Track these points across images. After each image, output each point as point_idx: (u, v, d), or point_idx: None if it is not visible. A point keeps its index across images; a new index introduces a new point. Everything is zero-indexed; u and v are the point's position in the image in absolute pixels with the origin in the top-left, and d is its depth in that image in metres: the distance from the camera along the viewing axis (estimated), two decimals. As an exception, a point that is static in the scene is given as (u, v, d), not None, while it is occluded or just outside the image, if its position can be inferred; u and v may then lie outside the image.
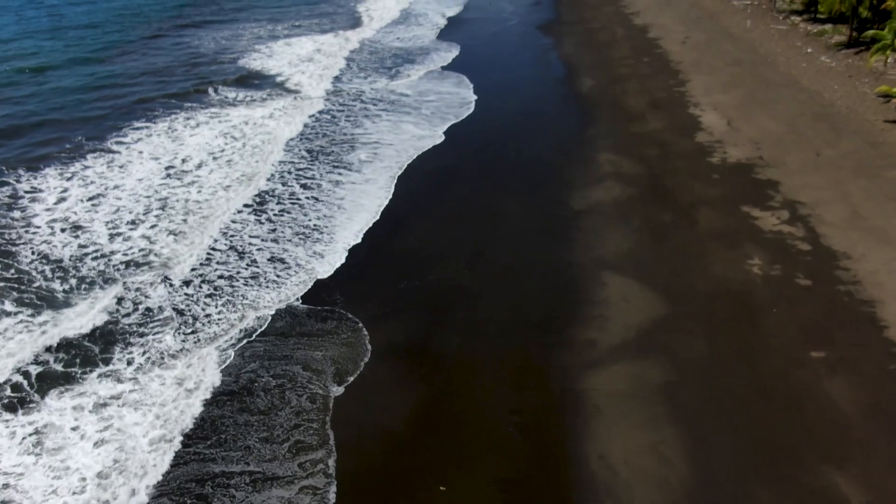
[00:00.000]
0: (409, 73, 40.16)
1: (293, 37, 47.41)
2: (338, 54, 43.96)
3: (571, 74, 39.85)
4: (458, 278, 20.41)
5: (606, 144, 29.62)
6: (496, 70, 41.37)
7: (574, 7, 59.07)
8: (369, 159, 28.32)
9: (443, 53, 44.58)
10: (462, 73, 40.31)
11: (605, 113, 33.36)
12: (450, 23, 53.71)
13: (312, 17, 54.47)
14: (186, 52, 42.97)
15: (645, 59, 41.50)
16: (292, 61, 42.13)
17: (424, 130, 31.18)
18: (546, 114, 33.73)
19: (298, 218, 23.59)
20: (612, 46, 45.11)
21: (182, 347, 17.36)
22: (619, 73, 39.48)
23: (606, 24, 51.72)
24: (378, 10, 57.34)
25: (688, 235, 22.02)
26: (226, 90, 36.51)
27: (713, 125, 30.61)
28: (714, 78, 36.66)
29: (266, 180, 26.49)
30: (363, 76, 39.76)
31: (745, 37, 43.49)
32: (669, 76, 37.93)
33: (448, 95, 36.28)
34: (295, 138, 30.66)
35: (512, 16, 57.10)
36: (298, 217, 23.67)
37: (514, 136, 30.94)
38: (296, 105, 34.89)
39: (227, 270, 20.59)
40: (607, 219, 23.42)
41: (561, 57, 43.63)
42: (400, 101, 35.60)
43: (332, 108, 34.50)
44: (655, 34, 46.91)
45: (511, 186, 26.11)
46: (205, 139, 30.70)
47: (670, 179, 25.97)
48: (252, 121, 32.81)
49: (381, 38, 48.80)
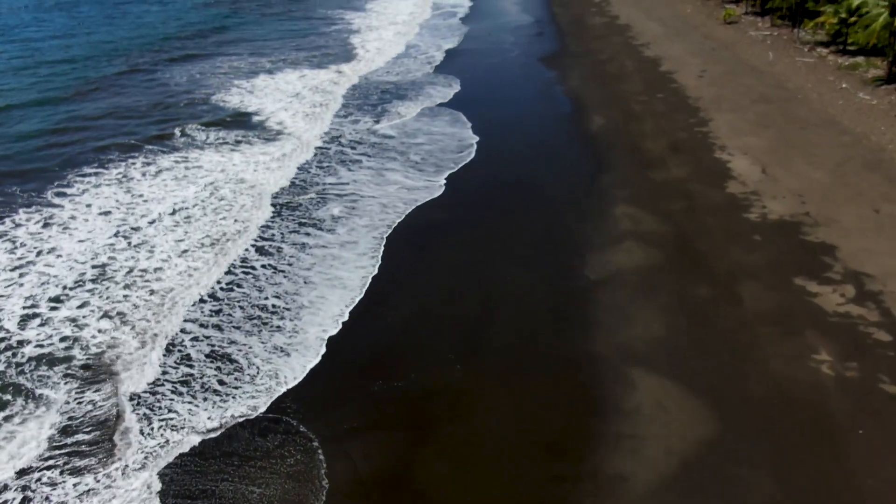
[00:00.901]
0: (403, 112, 36.46)
1: (278, 71, 44.01)
2: (327, 90, 40.46)
3: (580, 112, 36.23)
4: (449, 377, 16.34)
5: (623, 195, 25.76)
6: (497, 107, 37.77)
7: (579, 38, 55.85)
8: (344, 214, 24.44)
9: (440, 88, 41.08)
10: (461, 111, 36.67)
11: (620, 157, 29.59)
12: (448, 55, 50.39)
13: (302, 49, 51.16)
14: (160, 89, 39.47)
15: (659, 95, 37.91)
16: (276, 98, 38.60)
17: (417, 181, 27.28)
18: (554, 158, 29.94)
19: (252, 294, 19.64)
20: (622, 80, 41.61)
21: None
22: (632, 110, 35.84)
23: (614, 55, 48.36)
24: (373, 42, 54.12)
25: (732, 317, 17.99)
26: (196, 131, 32.80)
27: (745, 173, 26.77)
28: (740, 117, 32.96)
29: (234, 244, 22.65)
30: (353, 114, 36.11)
31: (769, 70, 39.95)
32: (689, 114, 34.26)
33: (445, 138, 32.46)
34: (277, 189, 26.91)
35: (513, 47, 53.82)
36: (253, 293, 19.72)
37: (519, 185, 27.05)
38: (277, 149, 31.21)
39: (155, 374, 16.47)
40: (631, 292, 19.43)
41: (567, 92, 40.09)
42: (390, 144, 31.73)
43: (319, 152, 30.81)
44: (669, 67, 43.45)
45: (516, 250, 22.16)
46: (165, 190, 26.94)
47: (702, 241, 22.02)
48: (224, 167, 29.11)
49: (375, 71, 45.37)
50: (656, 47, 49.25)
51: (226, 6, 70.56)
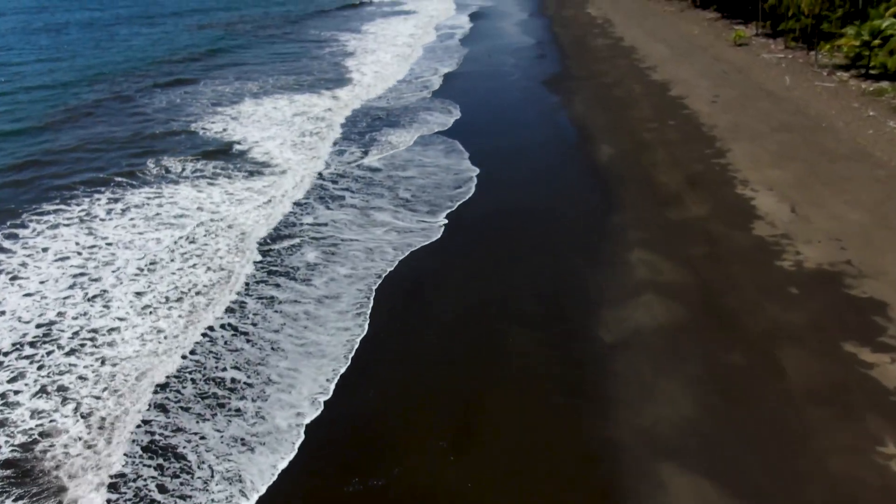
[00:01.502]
0: (396, 141, 34.01)
1: (267, 96, 41.75)
2: (319, 116, 38.14)
3: (586, 140, 33.83)
4: (438, 472, 13.64)
5: (638, 238, 23.21)
6: (498, 135, 35.35)
7: (582, 60, 53.73)
8: (322, 261, 21.81)
9: (438, 115, 38.75)
10: (459, 140, 34.23)
11: (632, 192, 27.10)
12: (446, 79, 48.19)
13: (292, 73, 49.00)
14: (139, 117, 37.08)
15: (671, 122, 35.53)
16: (263, 126, 36.26)
17: (409, 222, 24.63)
18: (561, 193, 27.40)
19: (207, 364, 16.99)
20: (630, 106, 39.30)
21: None
22: (643, 139, 33.45)
23: (620, 79, 46.15)
24: (368, 66, 51.97)
25: (775, 394, 15.33)
26: (172, 163, 30.35)
27: (772, 212, 24.24)
28: (760, 147, 30.54)
29: (207, 302, 20.05)
30: (344, 144, 33.69)
31: (787, 96, 37.61)
32: (704, 144, 31.84)
33: (441, 171, 29.88)
34: (264, 232, 24.39)
35: (513, 69, 51.65)
36: (208, 362, 17.07)
37: (523, 226, 24.41)
38: (260, 183, 28.78)
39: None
40: (653, 359, 16.80)
41: (572, 118, 37.75)
42: (379, 178, 29.13)
43: (306, 187, 28.34)
44: (679, 91, 41.17)
45: (520, 304, 19.54)
46: (133, 231, 24.44)
47: (731, 294, 19.42)
48: (201, 205, 26.64)
49: (370, 96, 43.07)
50: (664, 70, 47.05)
51: (219, 28, 68.77)
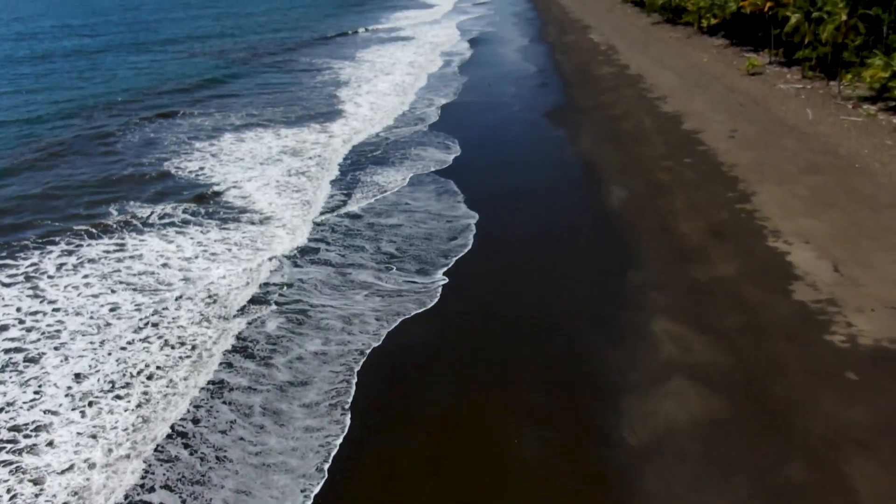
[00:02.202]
0: (385, 182, 31.07)
1: (250, 130, 38.92)
2: (306, 152, 35.34)
3: (595, 181, 31.00)
4: None
5: (661, 303, 20.21)
6: (498, 175, 32.49)
7: (587, 89, 51.22)
8: (285, 333, 18.72)
9: (433, 151, 35.96)
10: (456, 180, 31.31)
11: (650, 244, 24.15)
12: (444, 111, 45.52)
13: (280, 104, 46.43)
14: (110, 157, 34.00)
15: (687, 161, 32.74)
16: (244, 164, 33.44)
17: (395, 283, 21.49)
18: (570, 246, 24.43)
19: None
20: (641, 141, 36.56)
21: None
22: (658, 180, 30.61)
23: (629, 110, 43.53)
24: (363, 96, 49.24)
25: (851, 531, 12.27)
26: (139, 208, 27.48)
27: (813, 271, 21.25)
28: (788, 190, 27.69)
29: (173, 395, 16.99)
30: (333, 185, 30.91)
31: (812, 131, 34.85)
32: (726, 186, 28.98)
33: (434, 219, 26.86)
34: (243, 299, 21.19)
35: (514, 100, 49.05)
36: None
37: (528, 287, 21.32)
38: (238, 233, 25.87)
39: None
40: (691, 472, 13.69)
41: (578, 156, 34.97)
42: (361, 227, 26.09)
43: (292, 236, 25.45)
44: (692, 125, 38.47)
45: (525, 392, 16.41)
46: (85, 293, 21.47)
47: (777, 381, 16.37)
48: (167, 258, 23.67)
49: (363, 130, 40.23)
50: (675, 101, 44.43)
51: (210, 56, 66.52)
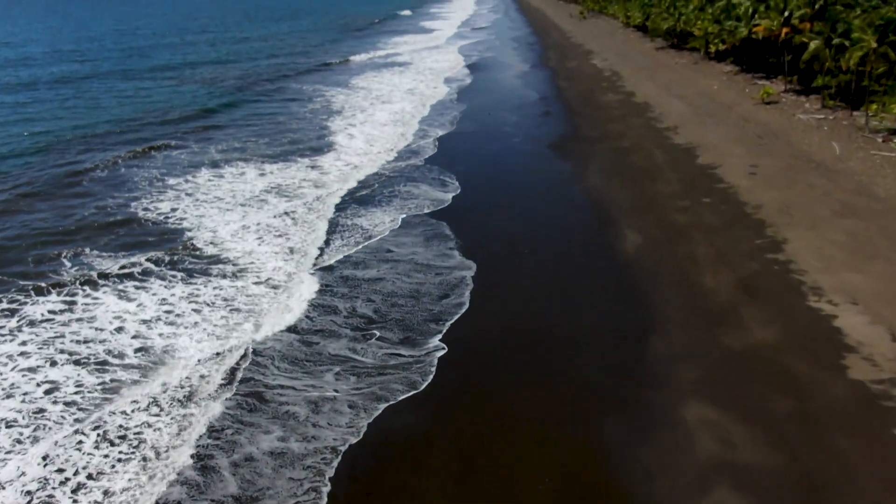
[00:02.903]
0: (371, 226, 28.06)
1: (230, 165, 35.99)
2: (290, 191, 32.50)
3: (606, 224, 28.14)
4: None
5: (690, 379, 17.20)
6: (499, 216, 29.50)
7: (592, 118, 48.65)
8: (229, 425, 15.72)
9: (427, 189, 33.10)
10: (452, 222, 28.43)
11: (671, 302, 21.17)
12: (441, 142, 42.81)
13: (265, 135, 43.85)
14: (77, 198, 30.82)
15: (706, 200, 29.91)
16: (221, 205, 30.50)
17: (374, 358, 18.37)
18: (581, 305, 21.26)
19: None
20: (653, 177, 33.79)
21: None
22: (675, 222, 27.78)
23: (638, 142, 40.86)
24: (357, 126, 46.55)
25: None
26: (96, 258, 24.54)
27: (867, 340, 18.24)
28: (823, 237, 24.79)
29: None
30: (317, 229, 28.10)
31: (841, 168, 32.07)
32: (752, 231, 26.11)
33: (423, 273, 23.83)
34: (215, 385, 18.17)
35: (516, 130, 46.41)
36: None
37: (533, 364, 18.19)
38: (210, 287, 22.89)
39: None
40: None
41: (586, 193, 32.16)
42: (337, 286, 23.00)
43: (259, 295, 22.47)
44: (708, 159, 35.72)
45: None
46: (22, 364, 18.45)
47: (846, 493, 13.33)
48: (122, 322, 20.67)
49: (354, 164, 37.37)
50: (687, 132, 41.78)
51: (200, 83, 64.20)
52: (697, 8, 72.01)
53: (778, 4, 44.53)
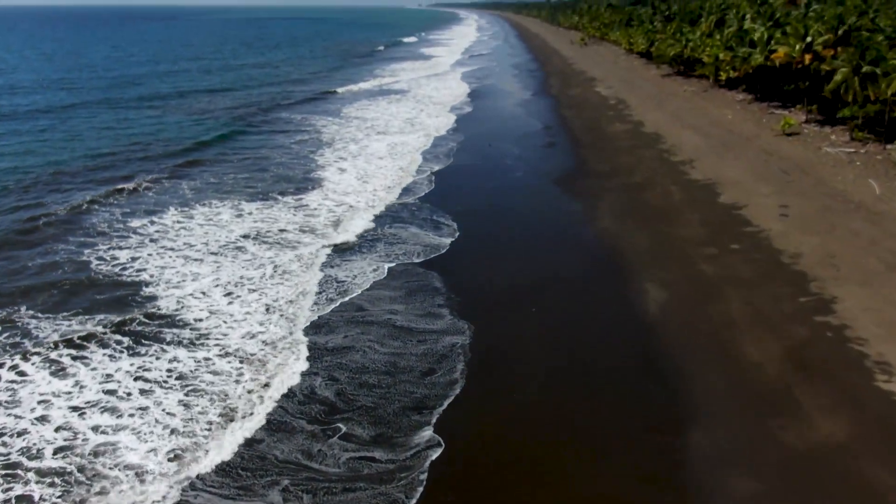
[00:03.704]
0: (350, 280, 24.51)
1: (202, 204, 32.63)
2: (268, 236, 29.21)
3: (624, 276, 24.76)
4: None
5: (748, 493, 13.63)
6: (500, 265, 25.96)
7: (599, 150, 45.59)
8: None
9: (418, 233, 29.51)
10: (445, 274, 24.94)
11: (712, 382, 17.60)
12: (438, 177, 39.53)
13: (245, 170, 40.83)
14: (22, 244, 27.26)
15: (735, 247, 26.58)
16: (193, 252, 27.03)
17: (336, 465, 14.65)
18: (599, 384, 17.70)
19: None
20: (672, 219, 30.51)
21: None
22: (703, 274, 24.39)
23: (651, 177, 37.67)
24: (348, 160, 43.10)
25: None
26: (31, 318, 20.95)
27: (961, 439, 14.85)
28: (880, 296, 21.30)
29: None
30: (277, 290, 24.70)
31: (884, 209, 28.70)
32: (794, 286, 22.70)
33: (401, 340, 20.12)
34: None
35: (518, 163, 43.29)
36: None
37: (550, 466, 14.49)
38: (163, 360, 19.40)
39: None
40: None
41: (600, 237, 28.84)
42: (297, 361, 19.44)
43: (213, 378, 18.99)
44: (731, 198, 32.46)
45: None
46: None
47: None
48: (48, 410, 17.10)
49: (346, 203, 34.00)
50: (704, 166, 38.60)
51: (186, 114, 61.35)
52: (705, 34, 69.68)
53: (798, 30, 41.78)
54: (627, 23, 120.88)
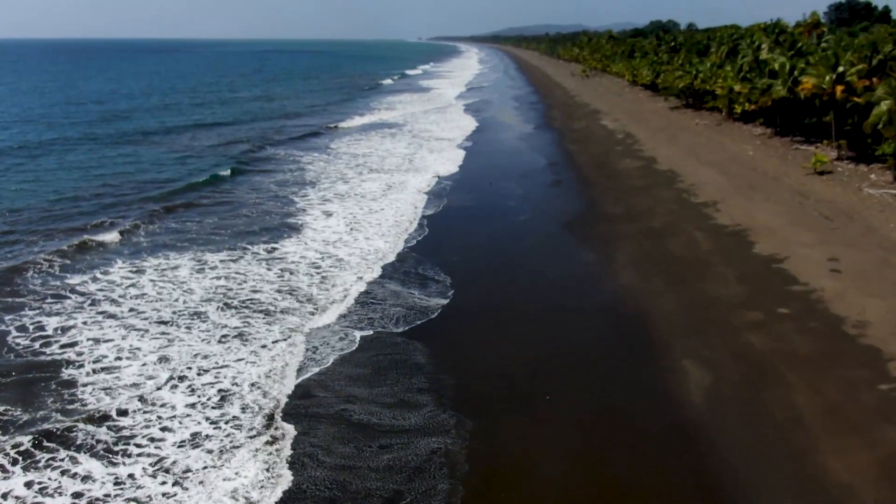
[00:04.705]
0: (306, 365, 20.42)
1: (156, 255, 28.58)
2: (235, 297, 25.06)
3: (655, 349, 20.35)
4: None
5: None
6: (504, 337, 21.52)
7: (611, 190, 41.55)
8: None
9: (401, 290, 25.01)
10: (431, 346, 20.55)
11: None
12: (431, 223, 35.33)
13: (222, 217, 36.87)
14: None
15: (783, 311, 22.23)
16: (140, 322, 22.69)
17: None
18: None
19: None
20: (703, 273, 26.24)
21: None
22: (750, 348, 20.02)
23: (672, 222, 33.51)
24: (332, 202, 39.06)
25: None
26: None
27: None
28: (985, 384, 17.13)
29: None
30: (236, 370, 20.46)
31: (957, 264, 24.75)
32: (868, 367, 18.27)
33: (358, 448, 15.59)
34: None
35: (522, 204, 39.21)
36: None
37: None
38: (82, 480, 15.02)
39: None
40: None
41: (621, 297, 24.42)
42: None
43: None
44: (768, 248, 28.19)
45: None
46: None
47: None
48: None
49: (318, 252, 30.01)
50: (731, 209, 34.45)
51: (166, 152, 57.82)
52: (715, 65, 66.44)
53: (828, 59, 38.17)
54: (630, 54, 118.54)
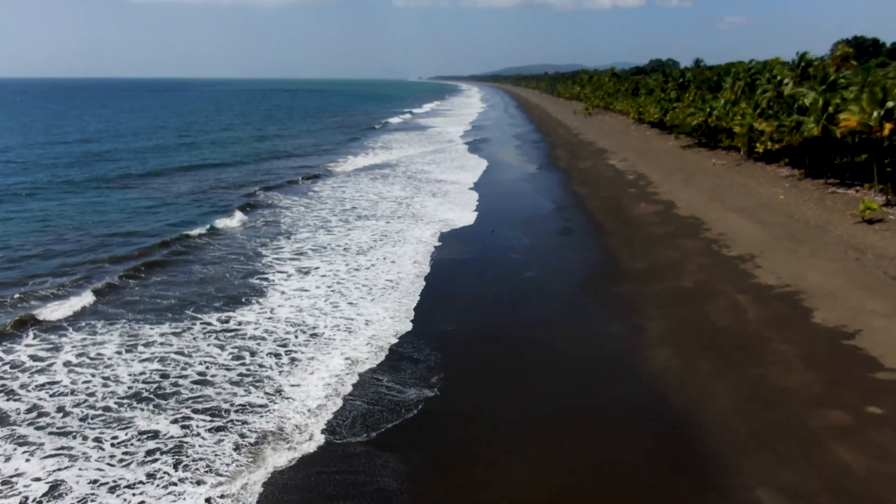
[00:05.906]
0: (255, 472, 15.44)
1: (101, 331, 23.83)
2: (170, 387, 20.13)
3: (717, 471, 15.12)
4: None
5: None
6: (511, 456, 16.39)
7: (628, 239, 36.71)
8: None
9: (383, 379, 20.55)
10: (411, 460, 15.48)
11: None
12: (426, 283, 30.63)
13: (175, 283, 32.02)
14: None
15: (873, 410, 16.99)
16: (59, 425, 17.77)
17: None
18: None
19: None
20: (758, 353, 21.14)
21: None
22: (846, 470, 14.79)
23: (707, 281, 28.52)
24: (308, 256, 34.15)
25: None
26: None
27: None
28: None
29: None
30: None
31: None
32: None
33: None
34: None
35: (529, 257, 34.14)
36: None
37: None
38: None
39: None
40: None
41: (659, 386, 19.23)
42: None
43: None
44: (830, 317, 23.15)
45: None
46: None
47: None
48: None
49: (295, 323, 25.16)
50: (774, 266, 29.47)
51: (143, 198, 53.44)
52: (730, 102, 62.51)
53: (875, 94, 33.78)
54: (634, 91, 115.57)
